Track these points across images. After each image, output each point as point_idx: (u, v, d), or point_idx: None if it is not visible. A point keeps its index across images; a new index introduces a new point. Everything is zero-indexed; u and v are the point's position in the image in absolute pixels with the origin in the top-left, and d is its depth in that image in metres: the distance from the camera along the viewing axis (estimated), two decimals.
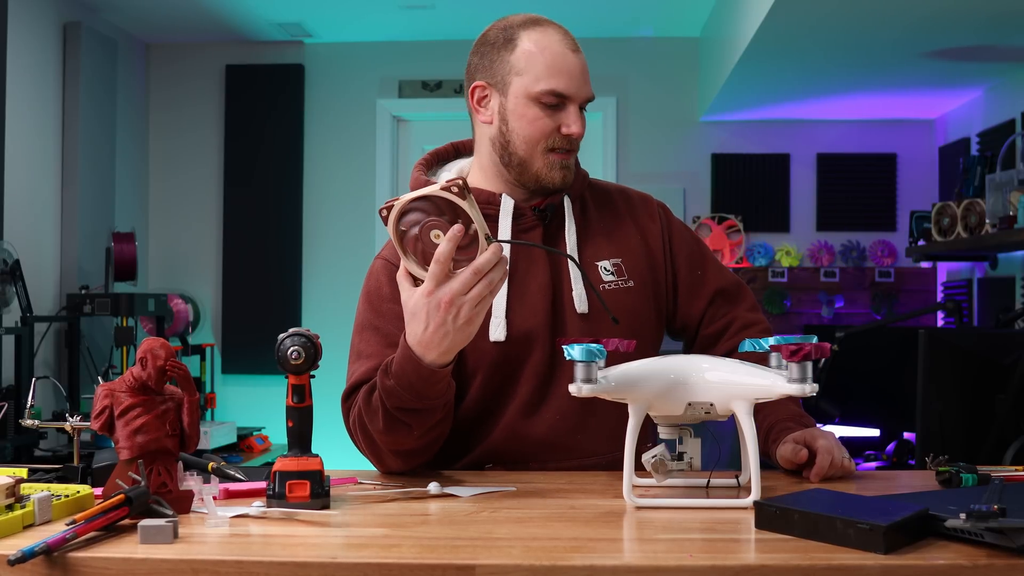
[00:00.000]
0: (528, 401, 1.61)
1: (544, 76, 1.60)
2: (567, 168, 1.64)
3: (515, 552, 1.05)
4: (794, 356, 1.24)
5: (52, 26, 4.31)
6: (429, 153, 1.78)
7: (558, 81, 1.60)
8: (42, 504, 1.18)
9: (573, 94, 1.61)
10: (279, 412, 1.37)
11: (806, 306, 4.94)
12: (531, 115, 1.62)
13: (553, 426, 1.61)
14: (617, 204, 1.76)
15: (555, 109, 1.61)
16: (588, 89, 1.63)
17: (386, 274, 1.64)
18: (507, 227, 1.64)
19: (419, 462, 1.56)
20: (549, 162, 1.62)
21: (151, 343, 1.25)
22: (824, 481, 1.45)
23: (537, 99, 1.61)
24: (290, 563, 1.02)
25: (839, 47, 3.74)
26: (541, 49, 1.62)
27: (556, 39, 1.63)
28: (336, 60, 5.20)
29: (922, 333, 2.09)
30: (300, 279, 5.15)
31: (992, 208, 3.53)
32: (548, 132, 1.61)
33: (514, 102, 1.62)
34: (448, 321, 1.35)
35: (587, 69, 1.64)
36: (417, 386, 1.41)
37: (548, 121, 1.61)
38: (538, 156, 1.63)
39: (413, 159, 5.24)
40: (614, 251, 1.70)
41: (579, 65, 1.62)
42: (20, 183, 4.00)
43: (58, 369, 4.27)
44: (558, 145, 1.62)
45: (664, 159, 5.09)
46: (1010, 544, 1.00)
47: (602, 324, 1.62)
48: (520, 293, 1.63)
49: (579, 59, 1.63)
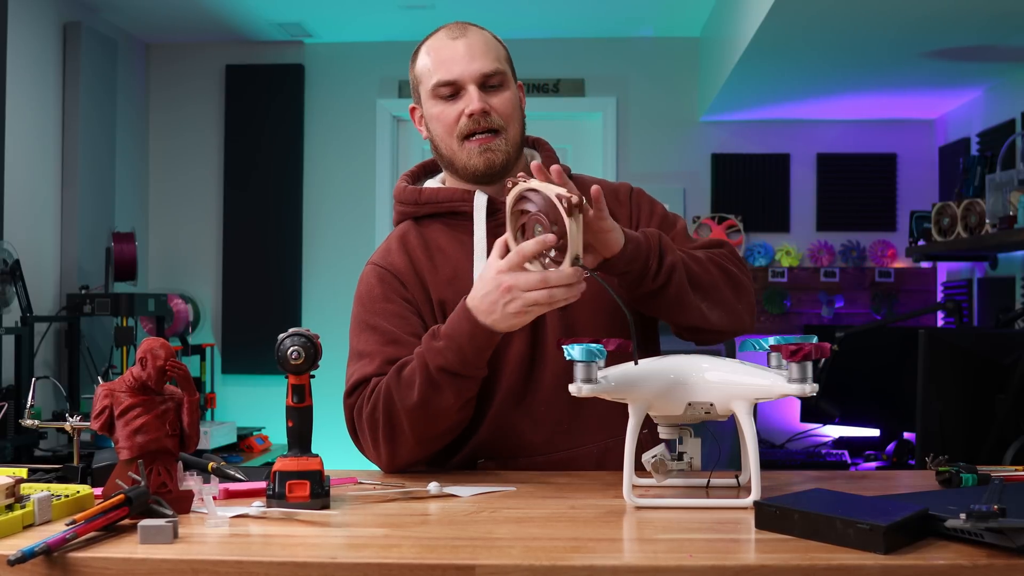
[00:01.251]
0: (513, 392, 1.61)
1: (433, 73, 1.67)
2: (490, 150, 1.65)
3: (515, 552, 1.05)
4: (794, 356, 1.24)
5: (52, 26, 4.31)
6: (416, 166, 1.84)
7: (443, 71, 1.65)
8: (42, 504, 1.18)
9: (459, 76, 1.64)
10: (279, 412, 1.37)
11: (806, 306, 4.94)
12: (435, 112, 1.67)
13: (540, 416, 1.61)
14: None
15: (454, 98, 1.65)
16: (477, 65, 1.64)
17: (376, 277, 1.68)
18: (482, 222, 1.66)
19: (430, 451, 1.58)
20: (468, 151, 1.66)
21: (151, 343, 1.26)
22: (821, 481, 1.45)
23: (435, 96, 1.66)
24: (290, 563, 1.02)
25: (839, 47, 3.74)
26: (428, 51, 1.69)
27: (441, 36, 1.69)
28: (336, 60, 5.20)
29: (922, 333, 2.09)
30: (300, 279, 5.15)
31: (992, 208, 3.53)
32: (454, 120, 1.65)
33: (426, 107, 1.70)
34: (500, 303, 1.42)
35: (478, 47, 1.66)
36: (466, 349, 1.46)
37: (450, 111, 1.65)
38: (457, 148, 1.66)
39: (413, 159, 5.24)
40: None
41: (461, 48, 1.65)
42: (20, 183, 4.00)
43: (58, 369, 4.27)
44: (467, 130, 1.64)
45: (664, 159, 5.09)
46: (1010, 544, 1.00)
47: (578, 313, 1.61)
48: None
49: (463, 43, 1.65)
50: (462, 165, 1.67)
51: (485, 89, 1.64)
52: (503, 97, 1.66)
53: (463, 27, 1.68)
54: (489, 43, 1.68)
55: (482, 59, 1.64)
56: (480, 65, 1.64)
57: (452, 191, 1.70)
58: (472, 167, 1.66)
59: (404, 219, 1.76)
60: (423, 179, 1.82)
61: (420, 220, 1.74)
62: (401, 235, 1.73)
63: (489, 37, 1.70)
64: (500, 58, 1.68)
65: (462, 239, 1.68)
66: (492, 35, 1.71)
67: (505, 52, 1.71)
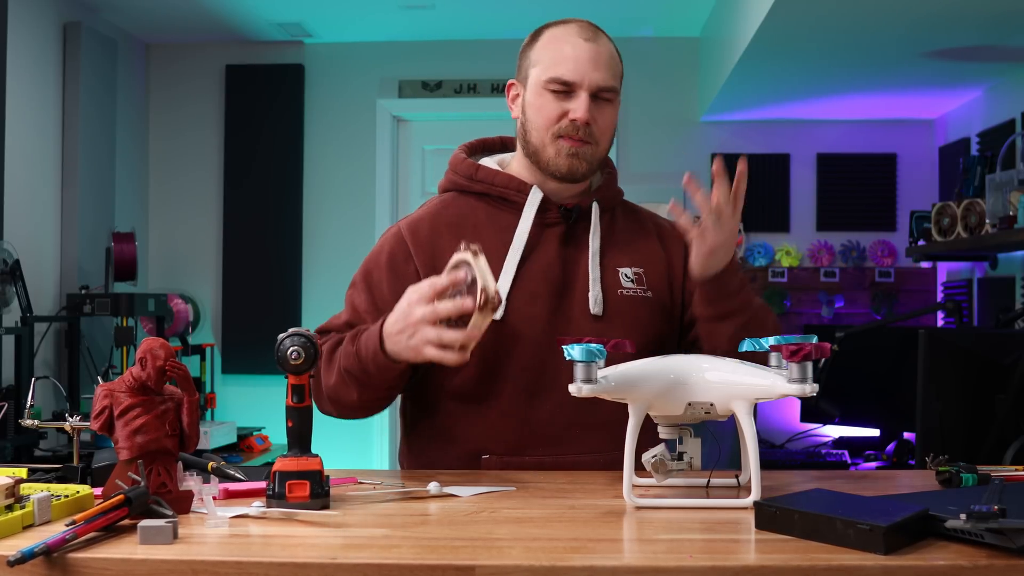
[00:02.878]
0: (526, 386, 1.62)
1: (551, 65, 1.66)
2: (576, 156, 1.66)
3: (515, 552, 1.05)
4: (794, 356, 1.24)
5: (52, 26, 4.31)
6: (476, 140, 1.84)
7: (563, 68, 1.64)
8: (42, 504, 1.17)
9: (577, 80, 1.64)
10: (279, 412, 1.38)
11: (806, 306, 4.93)
12: (540, 103, 1.67)
13: (552, 415, 1.61)
14: (646, 224, 1.80)
15: (564, 96, 1.65)
16: (598, 76, 1.65)
17: (391, 244, 1.72)
18: (530, 218, 1.67)
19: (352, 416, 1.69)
20: (558, 148, 1.66)
21: (151, 343, 1.25)
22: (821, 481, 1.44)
23: (546, 87, 1.66)
24: (290, 563, 1.02)
25: (839, 47, 3.74)
26: (555, 40, 1.68)
27: (572, 30, 1.68)
28: (336, 60, 5.20)
29: (922, 333, 2.09)
30: (300, 279, 5.15)
31: (992, 208, 3.53)
32: (555, 118, 1.65)
33: (530, 93, 1.69)
34: (406, 334, 1.49)
35: (604, 57, 1.66)
36: (369, 365, 1.55)
37: (555, 108, 1.66)
38: (548, 143, 1.67)
39: (413, 159, 5.25)
40: (637, 260, 1.73)
41: (588, 52, 1.65)
42: (20, 183, 4.00)
43: (58, 369, 4.27)
44: (565, 132, 1.65)
45: (664, 159, 5.09)
46: (1010, 544, 1.00)
47: (615, 328, 1.62)
48: (527, 276, 1.65)
49: (591, 47, 1.65)
50: (547, 159, 1.67)
51: (595, 100, 1.65)
52: (608, 114, 1.68)
53: (595, 31, 1.69)
54: (613, 57, 1.69)
55: (605, 71, 1.65)
56: (601, 77, 1.65)
57: (510, 179, 1.71)
58: (556, 166, 1.67)
59: (452, 188, 1.77)
60: (480, 155, 1.82)
61: (467, 194, 1.75)
62: (439, 206, 1.75)
63: (614, 51, 1.70)
64: (617, 75, 1.69)
65: (502, 225, 1.69)
66: (616, 49, 1.71)
67: (622, 70, 1.72)
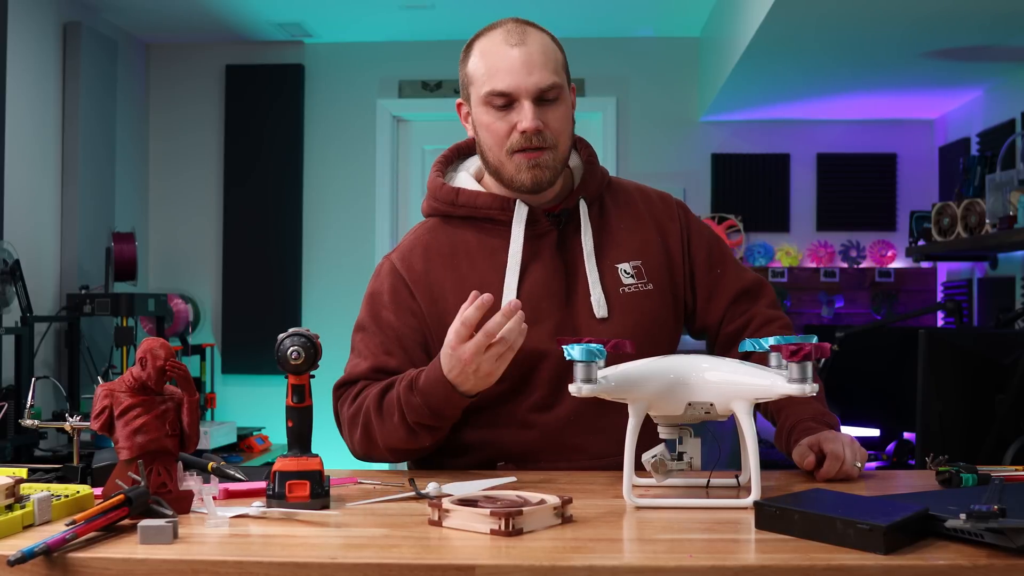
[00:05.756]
0: (540, 400, 1.61)
1: (486, 80, 1.60)
2: (538, 167, 1.59)
3: (515, 552, 1.05)
4: (794, 356, 1.24)
5: (52, 26, 4.31)
6: (449, 149, 1.77)
7: (497, 80, 1.58)
8: (42, 504, 1.17)
9: (514, 89, 1.57)
10: (279, 412, 1.38)
11: (806, 306, 4.93)
12: (486, 121, 1.61)
13: (565, 424, 1.60)
14: (636, 203, 1.74)
15: (506, 109, 1.59)
16: (535, 79, 1.56)
17: (388, 278, 1.67)
18: (520, 236, 1.63)
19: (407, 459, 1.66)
20: (516, 164, 1.60)
21: (151, 343, 1.25)
22: (827, 481, 1.45)
23: (487, 103, 1.60)
24: (290, 563, 1.02)
25: (839, 47, 3.74)
26: (483, 54, 1.61)
27: (498, 39, 1.60)
28: (336, 60, 5.20)
29: (922, 333, 2.09)
30: (300, 279, 5.15)
31: (992, 208, 3.53)
32: (505, 134, 1.59)
33: (476, 111, 1.64)
34: (470, 372, 1.45)
35: (536, 57, 1.57)
36: (443, 408, 1.50)
37: (502, 123, 1.59)
38: (505, 160, 1.61)
39: (413, 159, 5.25)
40: (634, 253, 1.69)
41: (520, 58, 1.57)
42: (20, 183, 4.00)
43: (58, 369, 4.27)
44: (518, 146, 1.59)
45: (664, 159, 5.09)
46: (1010, 544, 1.00)
47: (622, 328, 1.61)
48: (529, 293, 1.62)
49: (520, 51, 1.57)
50: (509, 177, 1.62)
51: (539, 103, 1.58)
52: (557, 113, 1.60)
53: (522, 31, 1.60)
54: (547, 51, 1.59)
55: (540, 72, 1.57)
56: (537, 79, 1.57)
57: (491, 199, 1.65)
58: (519, 181, 1.61)
59: (436, 214, 1.72)
60: (457, 162, 1.76)
61: (451, 219, 1.69)
62: (427, 235, 1.70)
63: (547, 43, 1.61)
64: (557, 67, 1.60)
65: (493, 246, 1.65)
66: (550, 37, 1.63)
67: (562, 57, 1.63)
